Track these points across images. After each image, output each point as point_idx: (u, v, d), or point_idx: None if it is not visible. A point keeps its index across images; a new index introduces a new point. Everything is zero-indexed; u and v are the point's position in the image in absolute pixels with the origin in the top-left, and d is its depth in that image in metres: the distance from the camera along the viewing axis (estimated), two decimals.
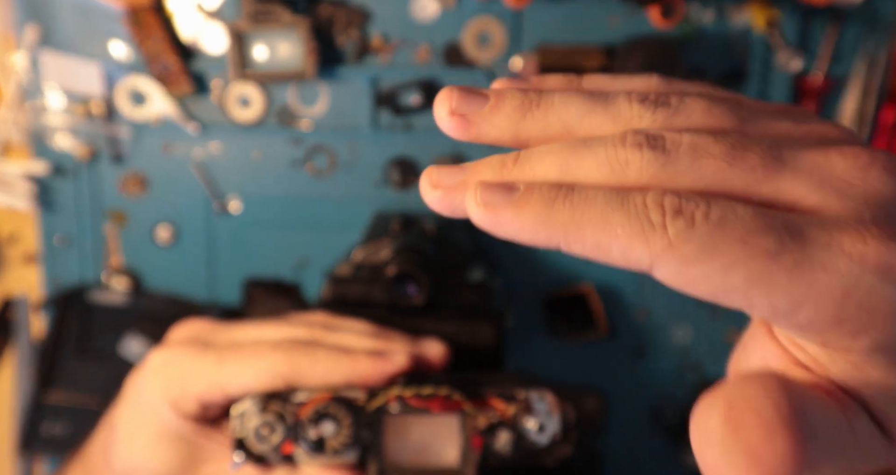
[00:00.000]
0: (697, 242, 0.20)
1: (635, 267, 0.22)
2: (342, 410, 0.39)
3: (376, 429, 0.41)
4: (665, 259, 0.21)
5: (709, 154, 0.22)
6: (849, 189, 0.22)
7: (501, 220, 0.24)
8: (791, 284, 0.20)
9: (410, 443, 0.41)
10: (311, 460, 0.40)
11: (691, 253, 0.20)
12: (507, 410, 0.40)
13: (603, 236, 0.22)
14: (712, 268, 0.20)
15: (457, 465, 0.41)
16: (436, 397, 0.39)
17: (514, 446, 0.40)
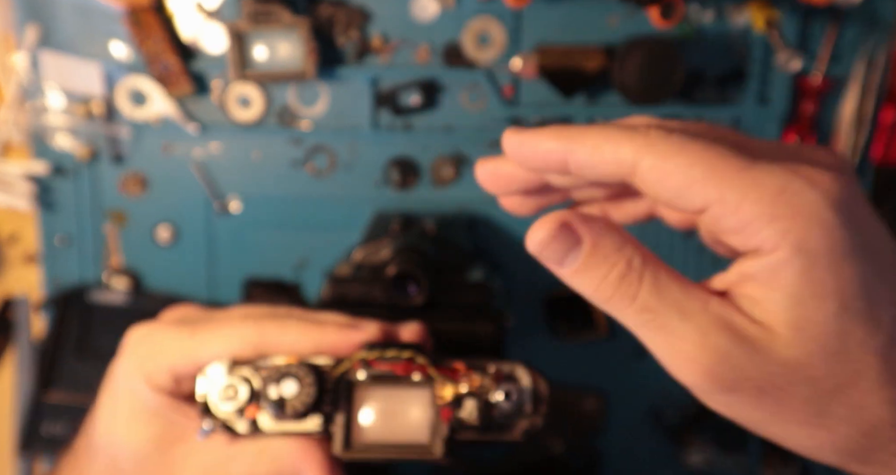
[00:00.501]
0: (672, 143, 0.27)
1: (623, 169, 0.27)
2: (305, 371, 0.39)
3: (342, 397, 0.40)
4: (644, 155, 0.27)
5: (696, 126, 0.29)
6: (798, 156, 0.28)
7: (526, 137, 0.30)
8: (740, 179, 0.26)
9: (377, 416, 0.41)
10: (275, 425, 0.39)
11: (666, 149, 0.26)
12: (475, 381, 0.39)
13: (600, 138, 0.28)
14: (680, 163, 0.26)
15: (425, 439, 0.40)
16: (399, 360, 0.39)
17: (481, 415, 0.39)
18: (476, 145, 0.65)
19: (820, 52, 0.62)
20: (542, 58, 0.61)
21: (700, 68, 0.62)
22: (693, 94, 0.63)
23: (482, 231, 0.66)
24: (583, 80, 0.61)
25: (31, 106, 0.64)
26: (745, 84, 0.63)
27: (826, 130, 0.64)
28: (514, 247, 0.66)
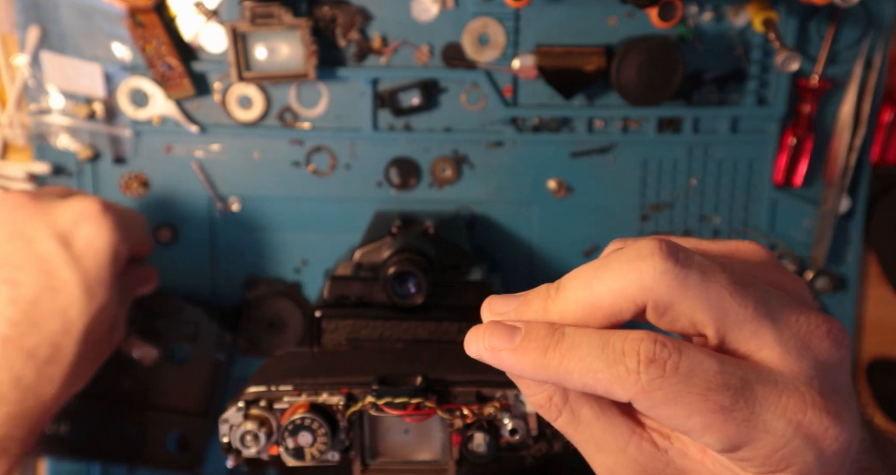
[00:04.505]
0: (667, 392, 0.25)
1: (618, 400, 0.26)
2: (318, 420, 0.40)
3: (357, 429, 0.42)
4: (639, 400, 0.26)
5: (718, 284, 0.27)
6: (806, 352, 0.27)
7: (505, 364, 0.28)
8: (738, 435, 0.25)
9: (391, 439, 0.42)
10: (296, 463, 0.41)
11: (660, 399, 0.25)
12: (483, 410, 0.40)
13: (588, 379, 0.26)
14: (676, 412, 0.25)
15: (439, 458, 0.42)
16: (409, 405, 0.40)
17: (489, 446, 0.40)
18: (476, 146, 0.65)
19: (818, 52, 0.62)
20: (542, 58, 0.61)
21: (699, 69, 0.63)
22: (692, 95, 0.63)
23: (482, 231, 0.66)
24: (582, 80, 0.61)
25: (33, 107, 0.64)
26: (743, 84, 0.63)
27: (824, 130, 0.64)
28: (514, 247, 0.67)
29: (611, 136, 0.64)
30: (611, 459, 0.29)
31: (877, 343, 0.69)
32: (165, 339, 0.66)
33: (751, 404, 0.25)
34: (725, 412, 0.25)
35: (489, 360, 0.28)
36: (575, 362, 0.26)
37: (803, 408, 0.25)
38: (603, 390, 0.26)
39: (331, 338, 0.52)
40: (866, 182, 0.65)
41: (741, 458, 0.26)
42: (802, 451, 0.25)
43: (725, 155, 0.65)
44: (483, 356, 0.28)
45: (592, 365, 0.26)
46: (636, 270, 0.26)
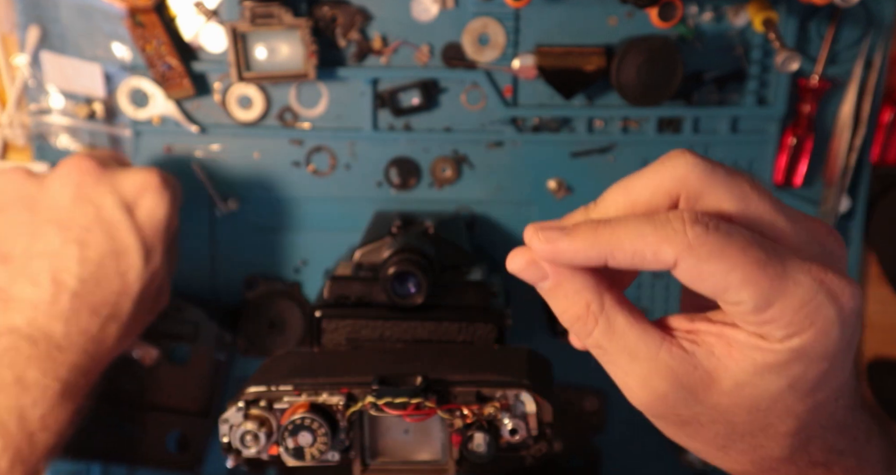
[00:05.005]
0: (711, 245, 0.28)
1: (664, 267, 0.28)
2: (318, 420, 0.40)
3: (357, 429, 0.42)
4: (685, 257, 0.28)
5: (741, 177, 0.30)
6: (815, 241, 0.31)
7: (560, 248, 0.30)
8: (771, 288, 0.28)
9: (392, 438, 0.42)
10: (296, 462, 0.41)
11: (706, 253, 0.28)
12: (483, 410, 0.41)
13: (638, 243, 0.28)
14: (719, 267, 0.28)
15: (439, 458, 0.42)
16: (409, 405, 0.40)
17: (489, 446, 0.40)
18: (476, 146, 0.65)
19: (818, 52, 0.62)
20: (542, 58, 0.61)
21: (699, 69, 0.63)
22: (692, 95, 0.63)
23: (482, 231, 0.66)
24: (582, 80, 0.61)
25: (33, 107, 0.64)
26: (743, 84, 0.63)
27: (824, 130, 0.64)
28: (514, 247, 0.66)
29: (611, 136, 0.64)
30: (644, 367, 0.30)
31: (877, 343, 0.69)
32: (165, 339, 0.66)
33: (782, 261, 0.28)
34: (761, 265, 0.28)
35: (544, 252, 0.31)
36: (624, 230, 0.29)
37: (824, 270, 0.29)
38: (652, 252, 0.28)
39: (331, 338, 0.52)
40: (866, 182, 0.65)
41: (770, 319, 0.28)
42: (825, 307, 0.28)
43: (725, 155, 0.65)
44: (538, 249, 0.31)
45: (641, 229, 0.29)
46: (670, 166, 0.31)
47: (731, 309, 0.29)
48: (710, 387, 0.30)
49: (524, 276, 0.32)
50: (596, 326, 0.31)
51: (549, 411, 0.41)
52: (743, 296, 0.28)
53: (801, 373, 0.29)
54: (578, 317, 0.31)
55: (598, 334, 0.31)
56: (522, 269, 0.31)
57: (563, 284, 0.31)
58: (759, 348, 0.29)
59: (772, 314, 0.28)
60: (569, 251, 0.30)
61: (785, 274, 0.28)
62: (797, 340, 0.28)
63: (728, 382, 0.30)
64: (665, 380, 0.30)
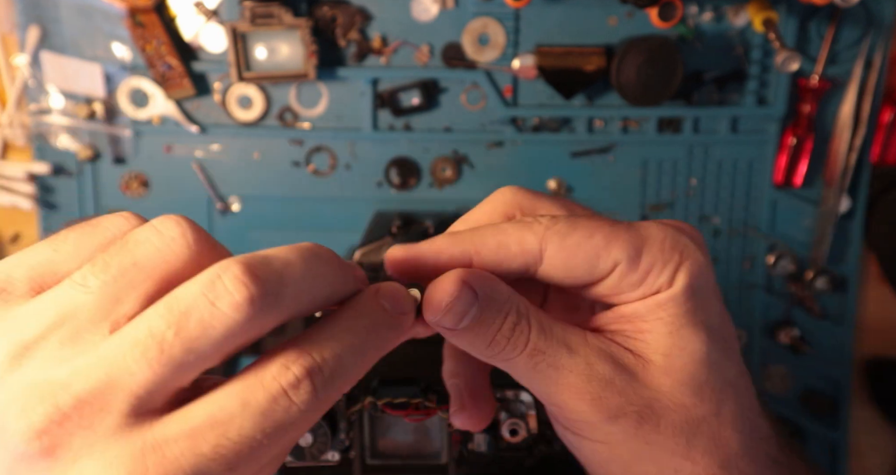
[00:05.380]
0: (565, 224, 0.29)
1: (530, 257, 0.29)
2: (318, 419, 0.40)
3: (357, 429, 0.42)
4: (549, 238, 0.29)
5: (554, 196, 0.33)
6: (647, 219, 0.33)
7: (421, 250, 0.30)
8: (631, 239, 0.29)
9: (392, 439, 0.42)
10: (296, 463, 0.41)
11: (564, 229, 0.29)
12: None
13: (501, 237, 0.29)
14: (581, 236, 0.29)
15: (439, 458, 0.42)
16: (409, 405, 0.40)
17: (489, 446, 0.40)
18: (476, 146, 0.65)
19: (818, 52, 0.62)
20: (542, 58, 0.61)
21: (699, 69, 0.63)
22: (692, 95, 0.63)
23: None
24: (582, 80, 0.61)
25: (33, 107, 0.64)
26: (743, 84, 0.63)
27: (824, 130, 0.64)
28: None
29: (611, 136, 0.64)
30: (583, 356, 0.30)
31: (876, 343, 0.69)
32: None
33: (628, 224, 0.30)
34: (613, 225, 0.29)
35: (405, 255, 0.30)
36: (486, 229, 0.30)
37: (656, 220, 0.31)
38: (516, 242, 0.29)
39: None
40: (866, 182, 0.65)
41: (648, 267, 0.29)
42: (681, 239, 0.29)
43: (725, 155, 0.65)
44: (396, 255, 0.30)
45: (502, 227, 0.30)
46: (500, 194, 0.32)
47: (609, 282, 0.30)
48: (646, 368, 0.29)
49: (453, 313, 0.28)
50: (531, 330, 0.29)
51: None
52: (614, 253, 0.29)
53: (703, 314, 0.30)
54: (515, 326, 0.29)
55: (534, 337, 0.29)
56: (454, 300, 0.28)
57: (494, 296, 0.29)
58: (659, 305, 0.29)
59: (646, 261, 0.29)
60: (430, 251, 0.29)
61: (633, 226, 0.30)
62: (681, 277, 0.29)
63: (658, 357, 0.29)
64: (606, 362, 0.29)
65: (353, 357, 0.27)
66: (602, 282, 0.30)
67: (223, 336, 0.24)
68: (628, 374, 0.29)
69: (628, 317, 0.30)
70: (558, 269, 0.29)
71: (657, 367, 0.29)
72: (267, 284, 0.25)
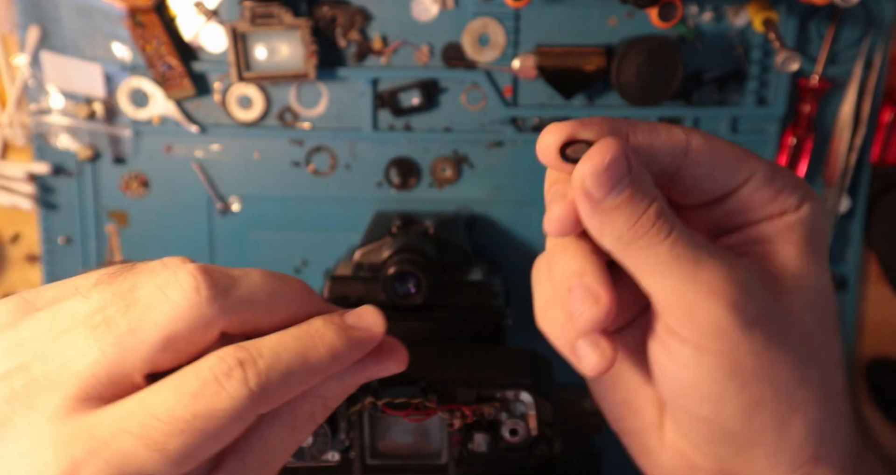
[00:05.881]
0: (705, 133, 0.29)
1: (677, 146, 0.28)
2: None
3: (357, 429, 0.41)
4: (693, 135, 0.28)
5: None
6: None
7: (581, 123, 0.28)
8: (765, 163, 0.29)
9: (392, 439, 0.42)
10: (296, 463, 0.41)
11: (706, 135, 0.29)
12: (483, 410, 0.41)
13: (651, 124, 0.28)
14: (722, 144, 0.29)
15: (439, 458, 0.42)
16: (409, 405, 0.40)
17: (489, 446, 0.40)
18: (476, 146, 0.65)
19: (818, 52, 0.62)
20: (542, 58, 0.61)
21: (699, 69, 0.63)
22: (692, 95, 0.63)
23: (482, 231, 0.66)
24: (582, 80, 0.61)
25: (33, 107, 0.64)
26: (743, 84, 0.63)
27: (824, 130, 0.64)
28: (514, 247, 0.67)
29: None
30: (723, 258, 0.28)
31: (877, 343, 0.69)
32: None
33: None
34: (744, 147, 0.29)
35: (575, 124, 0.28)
36: (635, 121, 0.29)
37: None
38: (665, 132, 0.28)
39: None
40: (866, 182, 0.65)
41: (781, 187, 0.29)
42: (803, 185, 0.29)
43: None
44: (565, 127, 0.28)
45: (650, 122, 0.29)
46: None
47: (743, 194, 0.29)
48: (776, 285, 0.28)
49: (603, 181, 0.27)
50: (675, 219, 0.28)
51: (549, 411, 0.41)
52: (752, 163, 0.28)
53: (823, 246, 0.30)
54: (661, 211, 0.27)
55: (679, 227, 0.28)
56: (605, 167, 0.26)
57: (643, 177, 0.27)
58: (789, 227, 0.29)
59: (780, 181, 0.29)
60: (586, 123, 0.28)
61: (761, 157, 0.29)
62: (807, 204, 0.29)
63: (788, 279, 0.29)
64: (745, 270, 0.28)
65: (294, 357, 0.27)
66: (735, 195, 0.29)
67: (170, 323, 0.26)
68: (764, 287, 0.28)
69: (755, 240, 0.29)
70: (701, 165, 0.28)
71: (788, 289, 0.29)
72: (217, 279, 0.27)
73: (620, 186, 0.27)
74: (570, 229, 0.28)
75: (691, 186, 0.29)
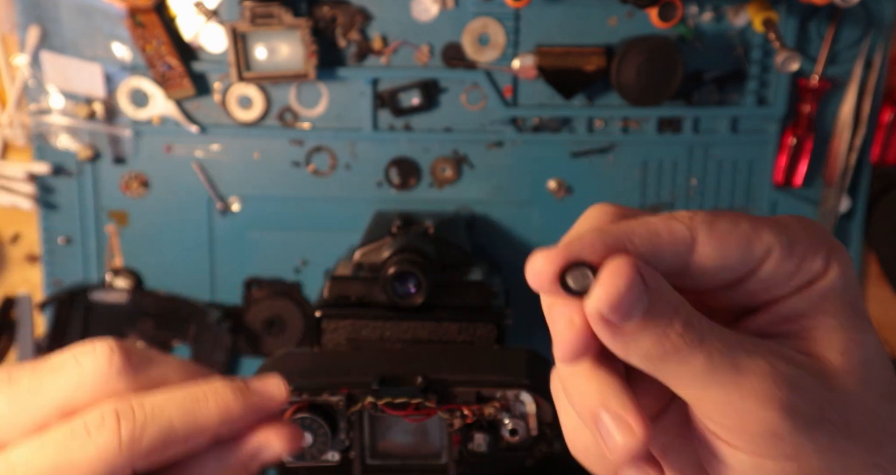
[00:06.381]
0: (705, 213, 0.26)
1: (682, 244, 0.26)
2: (318, 420, 0.40)
3: (357, 429, 0.42)
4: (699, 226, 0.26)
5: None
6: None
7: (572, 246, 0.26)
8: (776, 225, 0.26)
9: (392, 439, 0.42)
10: (296, 463, 0.41)
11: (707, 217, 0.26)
12: (483, 410, 0.40)
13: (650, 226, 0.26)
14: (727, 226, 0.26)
15: (439, 458, 0.42)
16: (409, 405, 0.40)
17: (489, 446, 0.40)
18: (476, 146, 0.65)
19: (818, 52, 0.62)
20: (542, 58, 0.61)
21: (699, 69, 0.63)
22: (692, 95, 0.63)
23: (482, 231, 0.66)
24: (582, 80, 0.61)
25: (33, 107, 0.64)
26: (743, 84, 0.63)
27: (824, 130, 0.64)
28: (514, 247, 0.67)
29: (611, 136, 0.64)
30: (761, 356, 0.25)
31: None
32: (165, 339, 0.66)
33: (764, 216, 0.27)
34: (755, 216, 0.26)
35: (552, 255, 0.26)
36: (634, 221, 0.26)
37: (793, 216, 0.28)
38: (667, 230, 0.25)
39: (331, 338, 0.52)
40: (866, 182, 0.65)
41: (802, 253, 0.26)
42: (826, 231, 0.27)
43: (725, 155, 0.65)
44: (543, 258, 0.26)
45: (648, 219, 0.26)
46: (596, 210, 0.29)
47: (764, 273, 0.26)
48: (825, 369, 0.26)
49: (625, 306, 0.24)
50: (703, 327, 0.25)
51: (549, 411, 0.41)
52: (765, 237, 0.26)
53: (862, 303, 0.27)
54: (689, 321, 0.25)
55: (709, 335, 0.25)
56: (630, 285, 0.24)
57: (662, 288, 0.25)
58: (822, 297, 0.26)
59: (800, 248, 0.26)
60: (581, 245, 0.25)
61: (771, 217, 0.27)
62: (835, 264, 0.26)
63: (835, 356, 0.26)
64: (787, 363, 0.25)
65: (179, 412, 0.26)
66: (755, 275, 0.26)
67: (72, 388, 0.26)
68: (812, 376, 0.25)
69: (787, 317, 0.27)
70: (712, 258, 0.26)
71: (837, 367, 0.26)
72: (133, 354, 0.26)
73: (640, 308, 0.24)
74: (585, 352, 0.26)
75: (704, 278, 0.26)
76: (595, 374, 0.26)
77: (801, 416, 0.25)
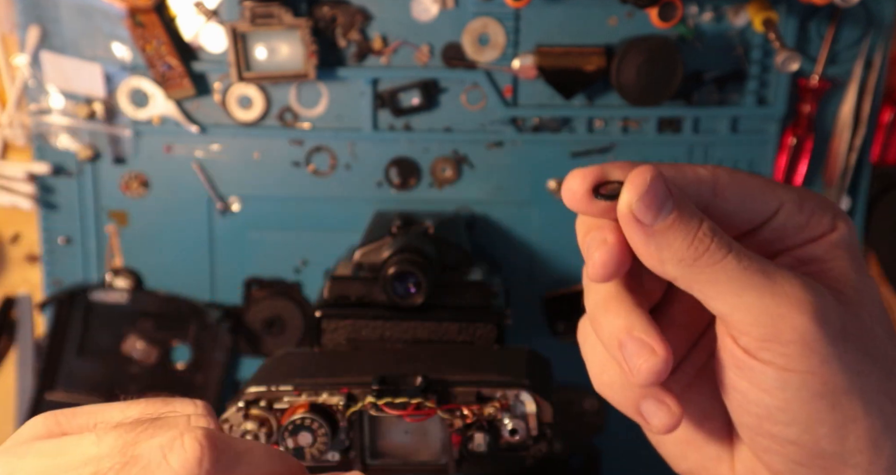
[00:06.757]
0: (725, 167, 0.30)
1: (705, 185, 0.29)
2: (318, 420, 0.40)
3: (357, 429, 0.42)
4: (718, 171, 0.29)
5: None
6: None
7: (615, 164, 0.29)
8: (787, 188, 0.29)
9: (392, 439, 0.42)
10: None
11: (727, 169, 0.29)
12: (483, 410, 0.41)
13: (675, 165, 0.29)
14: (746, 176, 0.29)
15: (439, 458, 0.42)
16: (409, 405, 0.40)
17: (489, 446, 0.40)
18: (476, 146, 0.65)
19: (818, 52, 0.62)
20: (542, 58, 0.61)
21: (699, 69, 0.63)
22: (692, 95, 0.63)
23: (482, 231, 0.66)
24: (582, 80, 0.61)
25: (33, 107, 0.64)
26: (743, 84, 0.63)
27: (824, 130, 0.64)
28: (514, 247, 0.67)
29: (611, 136, 0.64)
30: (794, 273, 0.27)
31: None
32: (165, 339, 0.66)
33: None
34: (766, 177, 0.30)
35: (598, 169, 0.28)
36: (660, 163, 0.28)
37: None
38: (691, 171, 0.28)
39: (331, 338, 0.52)
40: (866, 182, 0.65)
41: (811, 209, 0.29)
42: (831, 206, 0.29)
43: (725, 155, 0.65)
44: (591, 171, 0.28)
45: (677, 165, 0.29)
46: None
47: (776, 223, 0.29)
48: (842, 297, 0.28)
49: (648, 204, 0.26)
50: (729, 240, 0.27)
51: (549, 411, 0.41)
52: (779, 192, 0.29)
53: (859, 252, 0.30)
54: (714, 227, 0.27)
55: (737, 247, 0.27)
56: (654, 180, 0.26)
57: (685, 199, 0.27)
58: (835, 246, 0.29)
59: (809, 206, 0.29)
60: (611, 165, 0.28)
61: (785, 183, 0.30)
62: (841, 224, 0.29)
63: (851, 292, 0.28)
64: (814, 282, 0.27)
65: None
66: (769, 225, 0.29)
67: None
68: (834, 295, 0.27)
69: (806, 260, 0.29)
70: (730, 201, 0.28)
71: (854, 302, 0.28)
72: (222, 453, 0.26)
73: (668, 207, 0.26)
74: (616, 272, 0.28)
75: (723, 221, 0.28)
76: (622, 307, 0.28)
77: (830, 326, 0.26)
